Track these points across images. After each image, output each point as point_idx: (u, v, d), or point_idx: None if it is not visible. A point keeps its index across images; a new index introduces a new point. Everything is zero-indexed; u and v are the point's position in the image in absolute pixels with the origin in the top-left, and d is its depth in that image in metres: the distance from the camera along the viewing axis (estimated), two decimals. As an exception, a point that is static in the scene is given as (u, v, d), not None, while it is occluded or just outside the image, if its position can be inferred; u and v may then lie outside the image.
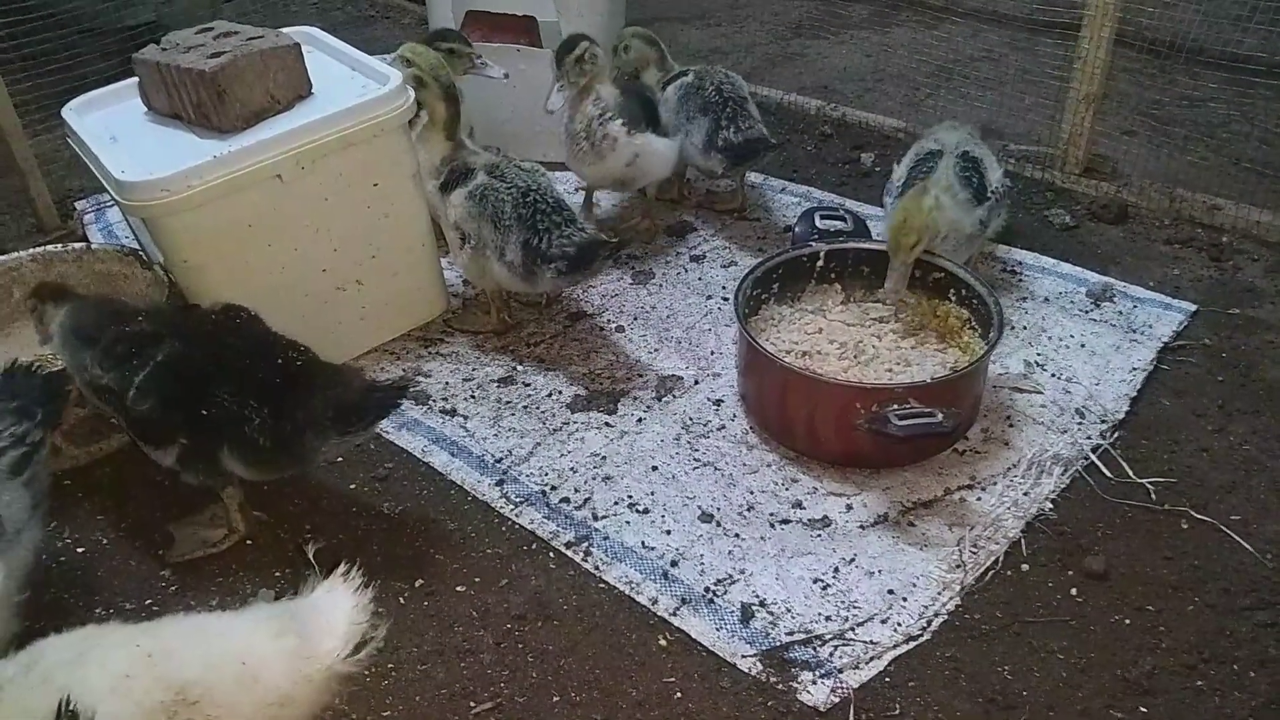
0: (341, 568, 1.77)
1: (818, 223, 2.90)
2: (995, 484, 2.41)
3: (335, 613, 1.71)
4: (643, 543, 2.31)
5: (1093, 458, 2.45)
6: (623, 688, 2.01)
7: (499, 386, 2.80)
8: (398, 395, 2.23)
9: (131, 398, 2.15)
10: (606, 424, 2.66)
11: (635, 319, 3.03)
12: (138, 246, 2.96)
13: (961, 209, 2.73)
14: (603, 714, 1.97)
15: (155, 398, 2.15)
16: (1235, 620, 2.08)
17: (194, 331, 2.25)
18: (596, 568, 2.26)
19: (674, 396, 2.73)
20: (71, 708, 1.44)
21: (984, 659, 2.04)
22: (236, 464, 2.20)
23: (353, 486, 2.52)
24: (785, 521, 2.35)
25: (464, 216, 2.78)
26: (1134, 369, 2.70)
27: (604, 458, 2.55)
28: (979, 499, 2.37)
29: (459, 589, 2.23)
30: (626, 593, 2.20)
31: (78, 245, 2.98)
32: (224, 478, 2.26)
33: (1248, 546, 2.23)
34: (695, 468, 2.51)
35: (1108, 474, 2.42)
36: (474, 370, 2.87)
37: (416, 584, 2.25)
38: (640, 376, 2.81)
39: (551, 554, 2.31)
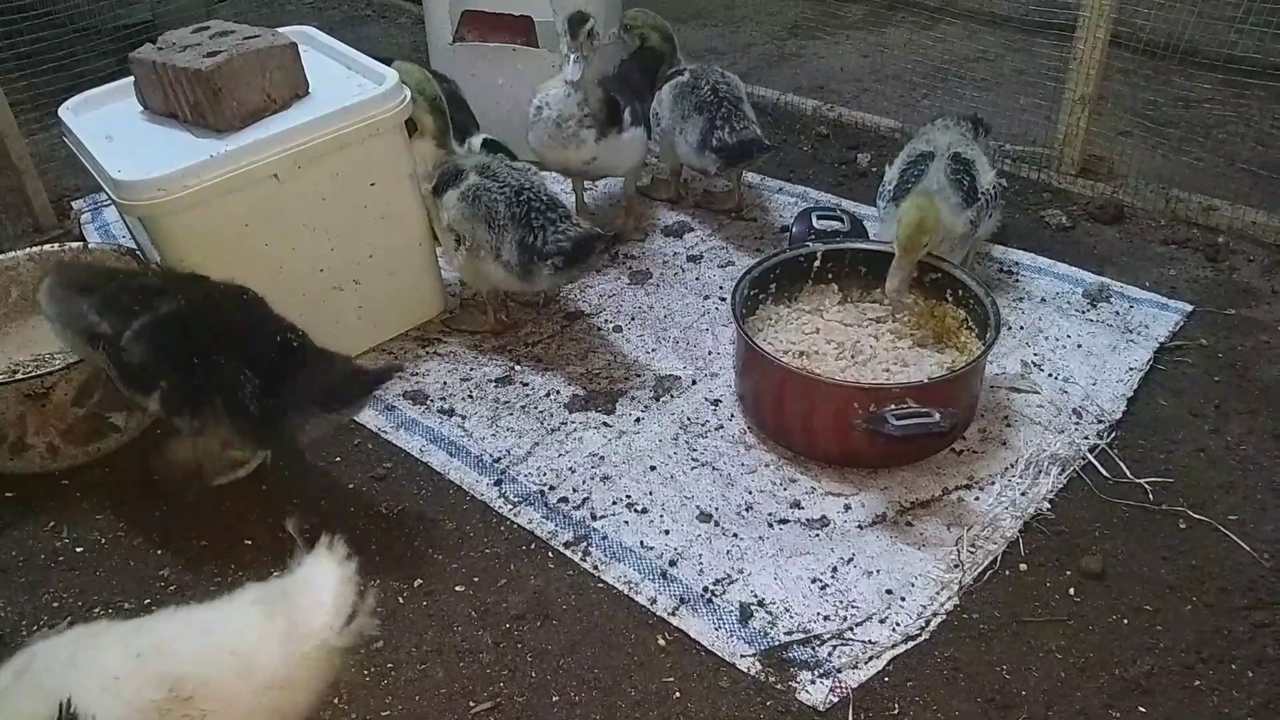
0: (324, 539, 1.73)
1: (814, 223, 2.90)
2: (993, 484, 2.41)
3: (323, 586, 1.67)
4: (641, 542, 2.31)
5: (1090, 458, 2.46)
6: (621, 687, 2.01)
7: (496, 386, 2.80)
8: (379, 379, 2.30)
9: (125, 340, 2.21)
10: (604, 424, 2.66)
11: (633, 319, 3.03)
12: (135, 246, 2.95)
13: (953, 212, 2.73)
14: (602, 713, 1.97)
15: (149, 345, 2.21)
16: (1233, 620, 2.09)
17: (200, 295, 2.32)
18: (595, 567, 2.26)
19: (672, 396, 2.73)
20: (72, 711, 1.43)
21: (982, 659, 2.04)
22: (225, 422, 2.26)
23: (351, 486, 2.51)
24: (783, 521, 2.35)
25: (457, 218, 2.77)
26: (1131, 369, 2.71)
27: (602, 457, 2.55)
28: (977, 499, 2.38)
29: (458, 588, 2.23)
30: (625, 592, 2.20)
31: (74, 245, 2.98)
32: (216, 419, 2.30)
33: (1245, 546, 2.23)
34: (693, 467, 2.51)
35: (1105, 474, 2.42)
36: (471, 370, 2.87)
37: (415, 584, 2.25)
38: (638, 376, 2.81)
39: (550, 553, 2.31)
